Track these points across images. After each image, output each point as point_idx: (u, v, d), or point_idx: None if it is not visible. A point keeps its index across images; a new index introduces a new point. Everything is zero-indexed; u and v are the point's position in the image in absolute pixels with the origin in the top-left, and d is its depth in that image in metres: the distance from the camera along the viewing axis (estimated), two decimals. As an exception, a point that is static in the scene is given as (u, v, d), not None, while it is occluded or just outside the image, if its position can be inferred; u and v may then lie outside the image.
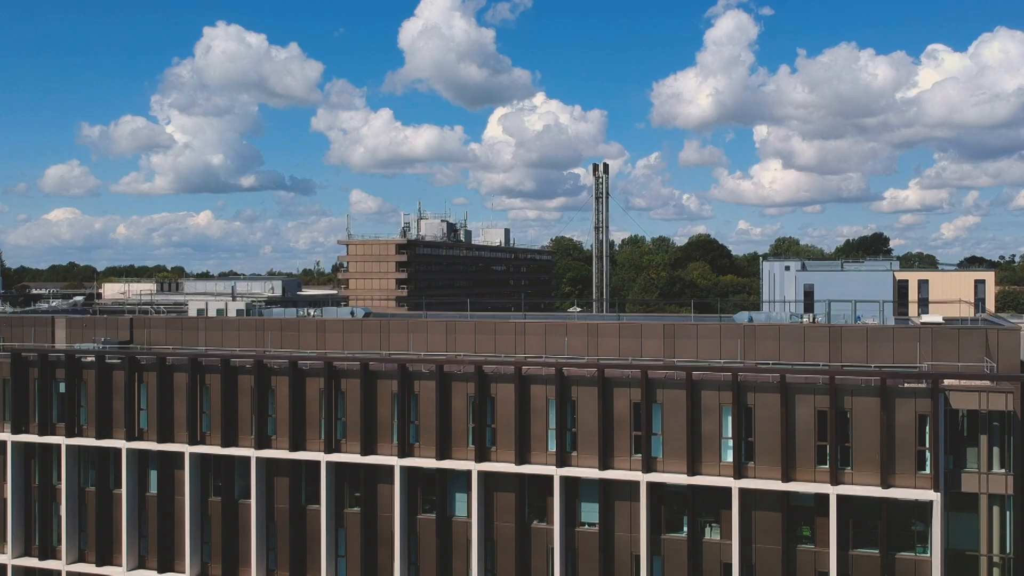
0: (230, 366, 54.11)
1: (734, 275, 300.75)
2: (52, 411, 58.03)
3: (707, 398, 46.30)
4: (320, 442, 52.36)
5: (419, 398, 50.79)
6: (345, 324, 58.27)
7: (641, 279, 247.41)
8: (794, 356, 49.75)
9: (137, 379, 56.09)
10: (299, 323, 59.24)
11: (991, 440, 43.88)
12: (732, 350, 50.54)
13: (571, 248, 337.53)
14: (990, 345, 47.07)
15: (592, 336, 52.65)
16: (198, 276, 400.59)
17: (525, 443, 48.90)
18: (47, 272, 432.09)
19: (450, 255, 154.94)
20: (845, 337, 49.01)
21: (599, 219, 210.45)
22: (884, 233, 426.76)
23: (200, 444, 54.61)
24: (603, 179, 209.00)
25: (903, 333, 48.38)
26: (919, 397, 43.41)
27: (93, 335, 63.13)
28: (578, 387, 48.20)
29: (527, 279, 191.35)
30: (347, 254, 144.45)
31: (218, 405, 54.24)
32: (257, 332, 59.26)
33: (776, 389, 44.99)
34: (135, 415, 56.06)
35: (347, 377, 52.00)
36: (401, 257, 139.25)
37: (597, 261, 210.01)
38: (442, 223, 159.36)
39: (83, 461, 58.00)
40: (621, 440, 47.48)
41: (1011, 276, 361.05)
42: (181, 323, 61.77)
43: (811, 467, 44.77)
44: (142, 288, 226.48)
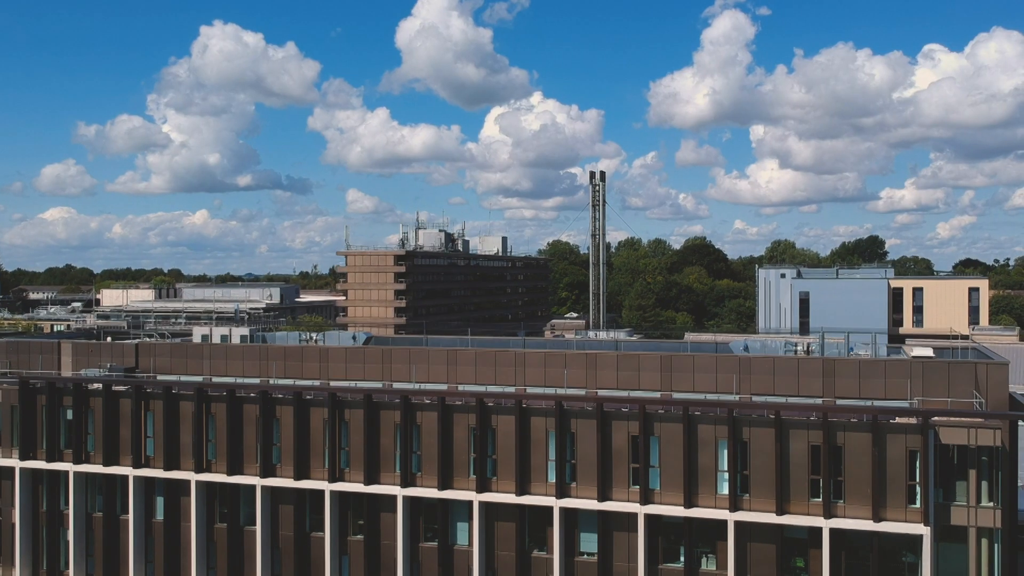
0: (235, 396, 55.13)
1: (730, 279, 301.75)
2: (60, 438, 59.02)
3: (703, 432, 47.42)
4: (324, 471, 53.39)
5: (421, 429, 51.86)
6: (348, 352, 59.28)
7: (637, 285, 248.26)
8: (788, 389, 50.85)
9: (144, 407, 57.09)
10: (302, 351, 60.24)
11: (980, 474, 45.05)
12: (728, 383, 51.64)
13: (567, 252, 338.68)
14: (979, 379, 48.23)
15: (591, 368, 53.71)
16: (195, 279, 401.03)
17: (525, 474, 49.99)
18: (44, 275, 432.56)
19: (448, 265, 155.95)
20: (838, 371, 50.12)
21: (596, 227, 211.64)
22: (879, 236, 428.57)
23: (206, 472, 55.62)
24: (600, 187, 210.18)
25: (894, 367, 49.51)
26: (909, 433, 44.57)
27: (99, 360, 64.04)
28: (577, 420, 49.31)
29: (524, 287, 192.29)
30: (345, 264, 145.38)
31: (224, 434, 55.26)
32: (261, 361, 60.23)
33: (771, 424, 46.13)
34: (142, 442, 57.06)
35: (351, 408, 53.06)
36: (400, 268, 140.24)
37: (594, 268, 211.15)
38: (440, 233, 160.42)
39: (90, 487, 58.99)
40: (619, 472, 48.60)
41: (1005, 280, 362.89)
42: (186, 350, 62.74)
43: (804, 500, 45.91)
44: (140, 295, 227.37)
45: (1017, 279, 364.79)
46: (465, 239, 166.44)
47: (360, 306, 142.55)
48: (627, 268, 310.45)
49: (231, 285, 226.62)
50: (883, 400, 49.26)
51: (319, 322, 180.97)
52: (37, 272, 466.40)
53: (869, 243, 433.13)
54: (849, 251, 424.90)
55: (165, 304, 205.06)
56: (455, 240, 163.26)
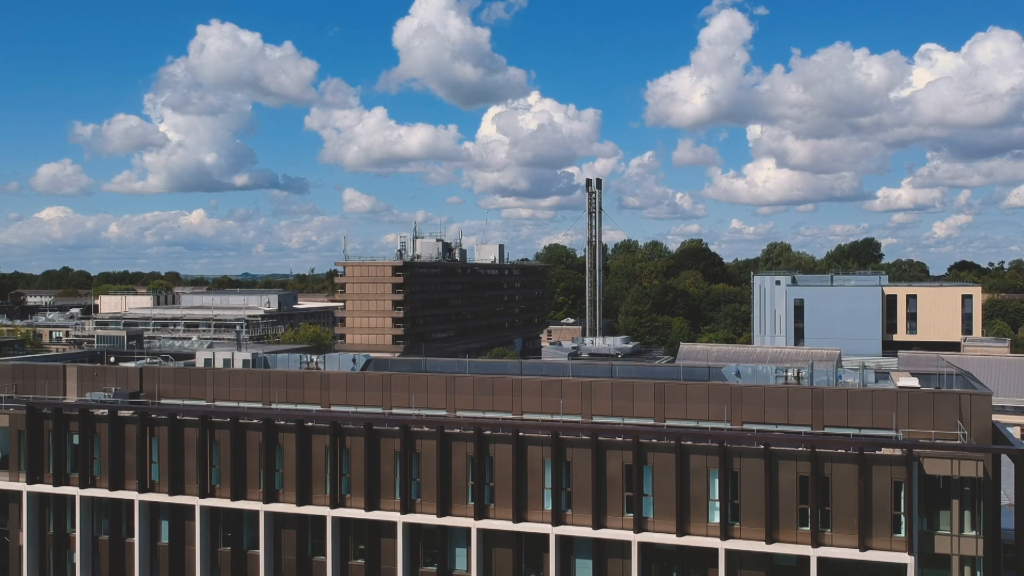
0: (239, 422, 56.42)
1: (726, 283, 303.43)
2: (66, 462, 60.27)
3: (695, 462, 48.81)
4: (326, 497, 54.68)
5: (421, 456, 53.19)
6: (348, 379, 60.55)
7: (634, 290, 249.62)
8: (778, 418, 52.21)
9: (149, 433, 58.37)
10: (303, 377, 61.50)
11: (963, 504, 46.49)
12: (719, 411, 52.99)
13: (564, 256, 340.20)
14: (963, 410, 49.61)
15: (586, 397, 55.04)
16: (192, 283, 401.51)
17: (522, 501, 51.34)
18: (41, 278, 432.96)
19: (446, 274, 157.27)
20: (827, 401, 51.51)
21: (592, 233, 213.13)
22: (875, 238, 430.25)
23: (210, 497, 56.91)
24: (596, 194, 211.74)
25: (881, 397, 50.90)
26: (894, 465, 45.98)
27: (104, 384, 65.27)
28: (573, 449, 50.67)
29: (521, 294, 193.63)
30: (344, 275, 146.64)
31: (227, 460, 56.56)
32: (263, 386, 61.50)
33: (761, 455, 47.52)
34: (147, 467, 58.34)
35: (352, 435, 54.36)
36: (397, 279, 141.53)
37: (590, 274, 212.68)
38: (437, 242, 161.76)
39: (96, 511, 60.27)
40: (614, 500, 49.97)
41: (1000, 283, 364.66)
42: (189, 375, 63.99)
43: (793, 529, 47.31)
44: (139, 302, 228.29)
45: (1011, 282, 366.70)
46: (463, 248, 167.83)
47: (358, 316, 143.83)
48: (624, 272, 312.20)
49: (229, 292, 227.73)
50: (870, 429, 50.70)
51: (317, 331, 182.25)
52: (34, 275, 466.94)
53: (864, 245, 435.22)
54: (845, 254, 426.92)
55: (164, 311, 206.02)
56: (452, 249, 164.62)
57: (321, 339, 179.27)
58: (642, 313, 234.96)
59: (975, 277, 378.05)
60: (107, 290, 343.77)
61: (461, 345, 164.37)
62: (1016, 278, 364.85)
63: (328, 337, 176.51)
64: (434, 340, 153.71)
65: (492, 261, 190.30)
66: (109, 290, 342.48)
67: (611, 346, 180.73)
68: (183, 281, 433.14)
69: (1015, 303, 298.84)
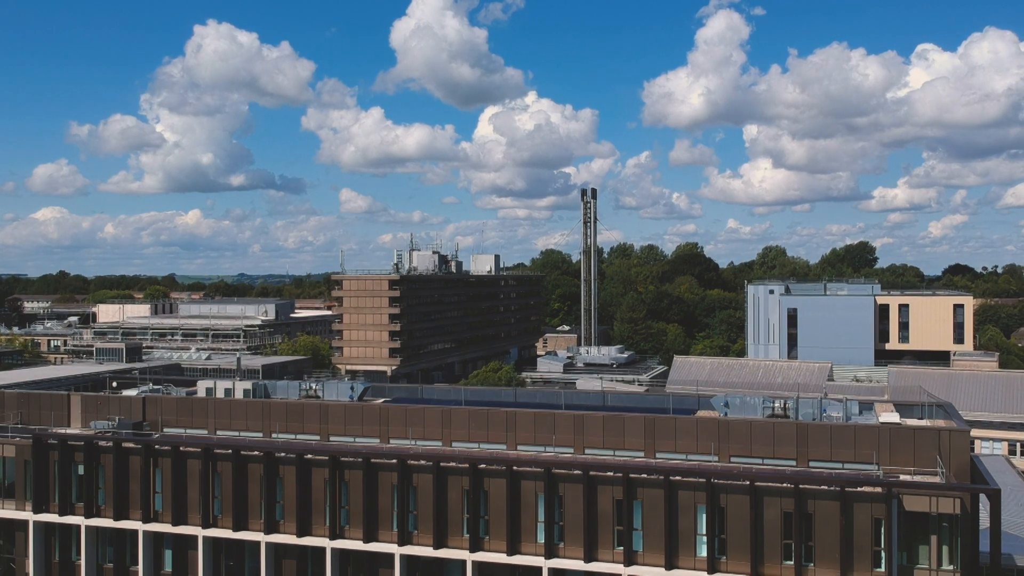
0: (240, 454, 57.95)
1: (721, 289, 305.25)
2: (72, 492, 61.76)
3: (683, 497, 50.43)
4: (325, 528, 56.24)
5: (418, 490, 54.76)
6: (346, 410, 62.07)
7: (628, 297, 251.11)
8: (764, 452, 53.88)
9: (152, 464, 59.88)
10: (303, 408, 63.03)
11: (941, 539, 48.14)
12: (707, 446, 54.63)
13: (560, 262, 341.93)
14: (942, 446, 51.32)
15: (578, 432, 56.65)
16: (189, 288, 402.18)
17: (516, 535, 52.94)
18: (38, 283, 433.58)
19: (442, 287, 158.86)
20: (811, 436, 53.17)
21: (587, 243, 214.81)
22: (869, 241, 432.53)
23: (212, 527, 58.45)
24: (591, 204, 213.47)
25: (863, 433, 52.58)
26: (875, 502, 47.63)
27: (107, 413, 66.78)
28: (565, 484, 52.26)
29: (517, 304, 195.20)
30: (341, 288, 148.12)
31: (229, 491, 58.08)
32: (264, 418, 63.03)
33: (747, 491, 49.15)
34: (151, 498, 59.85)
35: (350, 468, 55.91)
36: (394, 292, 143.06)
37: (585, 284, 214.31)
38: (434, 255, 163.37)
39: (101, 540, 61.75)
40: (604, 534, 51.59)
41: (993, 288, 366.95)
42: (192, 405, 65.49)
43: (778, 563, 48.95)
44: (136, 311, 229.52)
45: (1004, 287, 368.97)
46: (458, 260, 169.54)
47: (356, 329, 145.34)
48: (619, 278, 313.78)
49: (226, 301, 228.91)
50: (853, 463, 52.41)
51: (314, 342, 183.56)
52: (31, 279, 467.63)
53: (859, 249, 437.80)
54: (839, 257, 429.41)
55: (161, 320, 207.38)
56: (448, 261, 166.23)
57: (318, 349, 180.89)
58: (637, 321, 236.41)
59: (968, 282, 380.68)
60: (104, 296, 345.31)
61: (457, 356, 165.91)
62: (1009, 283, 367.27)
63: (326, 349, 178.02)
64: (431, 352, 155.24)
65: (488, 271, 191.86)
66: (106, 296, 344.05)
67: (606, 356, 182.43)
68: (179, 285, 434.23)
69: (1007, 308, 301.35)
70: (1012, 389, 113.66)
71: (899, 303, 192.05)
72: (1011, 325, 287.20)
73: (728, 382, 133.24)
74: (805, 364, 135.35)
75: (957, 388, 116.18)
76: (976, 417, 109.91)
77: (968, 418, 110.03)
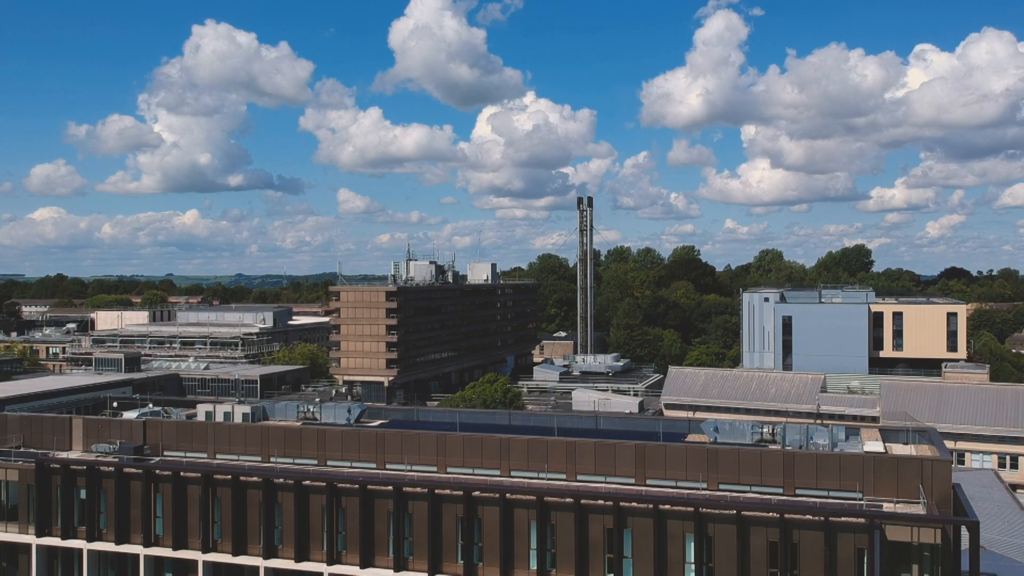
0: (239, 480, 59.16)
1: (717, 294, 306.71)
2: (74, 516, 62.95)
3: (672, 527, 51.70)
4: (323, 553, 57.46)
5: (413, 517, 56.00)
6: (343, 436, 63.21)
7: (624, 304, 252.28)
8: (752, 480, 55.09)
9: (153, 489, 61.07)
10: (301, 433, 64.18)
11: (922, 568, 49.42)
12: (696, 473, 55.86)
13: (557, 266, 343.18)
14: (924, 475, 52.58)
15: (570, 460, 57.86)
16: (187, 291, 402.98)
17: (509, 561, 54.17)
18: (35, 286, 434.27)
19: (439, 297, 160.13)
20: (797, 465, 54.42)
21: (583, 251, 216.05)
22: (865, 244, 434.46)
23: (212, 552, 59.64)
24: (587, 212, 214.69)
25: (848, 462, 53.82)
26: (858, 532, 48.90)
27: (108, 436, 67.91)
28: (557, 512, 53.51)
29: (513, 312, 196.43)
30: (339, 300, 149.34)
31: (229, 516, 59.29)
32: (262, 444, 64.20)
33: (733, 521, 50.42)
34: (151, 522, 61.04)
35: (347, 495, 57.12)
36: (391, 304, 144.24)
37: (582, 292, 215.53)
38: (431, 265, 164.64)
39: (103, 564, 62.93)
40: (595, 561, 52.83)
41: (988, 292, 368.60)
42: (191, 429, 66.65)
43: (764, 591, 50.21)
44: (135, 318, 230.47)
45: (1000, 291, 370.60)
46: (455, 271, 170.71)
47: (353, 340, 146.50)
48: (616, 282, 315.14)
49: (224, 308, 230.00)
50: (838, 491, 53.66)
51: (312, 350, 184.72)
52: (29, 282, 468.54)
53: (855, 252, 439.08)
54: (835, 260, 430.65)
55: (160, 328, 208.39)
56: (445, 272, 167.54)
57: (316, 357, 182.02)
58: (633, 327, 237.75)
59: (963, 286, 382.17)
60: (102, 301, 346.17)
61: (454, 365, 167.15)
62: (1004, 287, 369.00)
63: (323, 357, 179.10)
64: (428, 362, 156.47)
65: (484, 279, 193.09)
66: (104, 301, 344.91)
67: (602, 364, 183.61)
68: (177, 289, 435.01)
69: (1002, 314, 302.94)
70: (1002, 402, 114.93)
71: (893, 311, 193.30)
72: (1006, 330, 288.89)
73: (722, 393, 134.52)
74: (798, 376, 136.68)
75: (948, 401, 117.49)
76: (966, 430, 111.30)
77: (958, 431, 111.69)
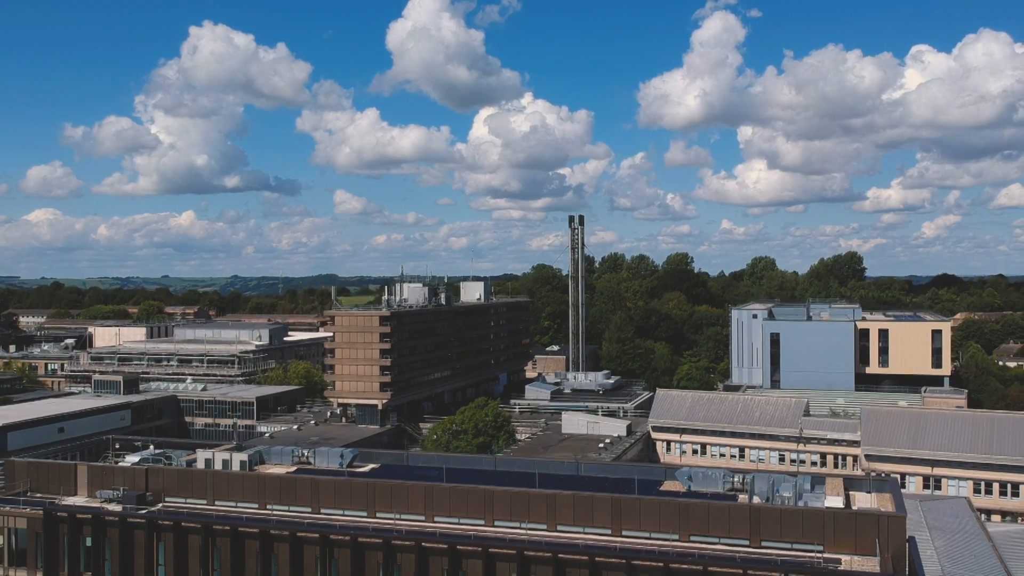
0: (238, 531, 62.49)
1: (709, 305, 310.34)
2: (80, 563, 66.25)
3: (644, 580, 55.14)
4: (316, 601, 60.83)
5: (401, 568, 59.37)
6: (336, 486, 66.47)
7: (617, 317, 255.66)
8: (720, 532, 58.47)
9: (156, 538, 64.37)
10: (295, 483, 67.47)
11: (877, 620, 52.92)
12: (668, 525, 59.26)
13: (551, 276, 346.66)
14: (880, 531, 56.04)
15: (551, 512, 61.21)
16: (183, 303, 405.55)
17: (492, 611, 57.56)
18: (32, 295, 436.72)
19: (432, 320, 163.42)
20: (763, 519, 57.84)
21: (575, 269, 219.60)
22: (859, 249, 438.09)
23: (212, 598, 62.99)
24: (578, 231, 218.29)
25: (810, 517, 57.29)
26: (816, 587, 52.39)
27: (112, 483, 71.14)
28: (536, 565, 56.88)
29: (506, 329, 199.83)
30: (334, 325, 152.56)
31: (228, 565, 62.60)
32: (259, 492, 67.49)
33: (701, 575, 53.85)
34: (154, 570, 64.35)
35: (339, 547, 60.46)
36: (385, 329, 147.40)
37: (573, 309, 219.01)
38: (424, 288, 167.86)
39: (108, 608, 66.23)
40: (572, 612, 56.26)
41: (978, 302, 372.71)
42: (191, 477, 69.93)
43: (729, 642, 53.65)
44: (132, 335, 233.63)
45: (989, 300, 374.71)
46: (448, 294, 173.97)
47: (347, 364, 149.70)
48: (609, 293, 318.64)
49: (221, 324, 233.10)
50: (801, 543, 57.10)
51: (307, 368, 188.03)
52: (26, 290, 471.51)
53: (847, 259, 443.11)
54: (827, 268, 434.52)
55: (157, 345, 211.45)
56: (438, 293, 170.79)
57: (311, 375, 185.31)
58: (625, 340, 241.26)
59: (954, 295, 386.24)
60: (99, 312, 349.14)
61: (447, 386, 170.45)
62: (994, 296, 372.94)
63: (318, 374, 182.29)
64: (421, 384, 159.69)
65: (477, 298, 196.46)
66: (101, 312, 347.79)
67: (593, 382, 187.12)
68: (173, 298, 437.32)
69: (990, 324, 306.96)
70: (978, 429, 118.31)
71: (879, 328, 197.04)
72: (994, 341, 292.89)
73: (707, 416, 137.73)
74: (782, 399, 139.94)
75: (925, 427, 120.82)
76: (943, 457, 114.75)
77: (935, 458, 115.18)
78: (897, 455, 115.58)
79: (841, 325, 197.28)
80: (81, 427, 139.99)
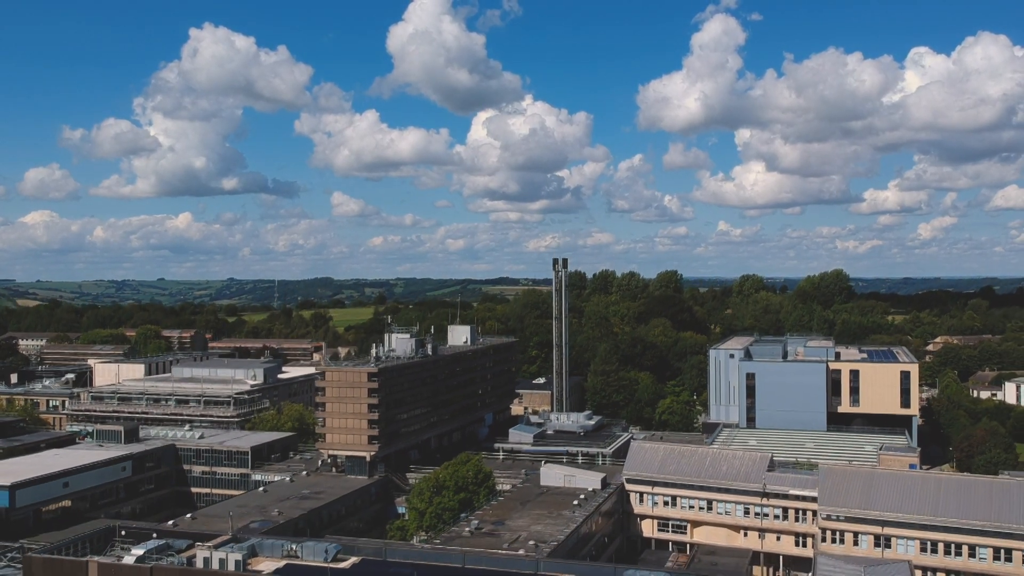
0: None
1: (694, 331, 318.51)
2: (90, 658, 74.16)
3: None
4: None
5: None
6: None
7: (603, 348, 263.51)
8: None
9: (158, 638, 72.34)
10: (284, 585, 75.53)
11: None
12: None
13: (539, 302, 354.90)
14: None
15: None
16: (179, 326, 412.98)
17: None
18: (31, 316, 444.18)
19: (419, 370, 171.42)
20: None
21: (559, 309, 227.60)
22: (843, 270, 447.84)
23: None
24: (562, 273, 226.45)
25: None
26: None
27: (119, 579, 79.09)
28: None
29: (492, 372, 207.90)
30: (324, 380, 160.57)
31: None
32: (252, 595, 75.50)
33: None
34: (157, 666, 72.31)
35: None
36: (373, 384, 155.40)
37: (557, 350, 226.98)
38: (411, 339, 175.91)
39: None
40: None
41: (958, 325, 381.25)
42: (191, 576, 77.89)
43: None
44: (132, 372, 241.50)
45: (969, 323, 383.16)
46: (434, 345, 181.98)
47: (337, 418, 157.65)
48: (596, 317, 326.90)
49: (217, 364, 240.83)
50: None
51: (299, 411, 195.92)
52: (26, 307, 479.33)
53: (833, 277, 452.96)
54: (814, 285, 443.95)
55: (156, 384, 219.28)
56: (425, 344, 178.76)
57: (304, 418, 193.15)
58: (609, 373, 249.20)
59: (935, 317, 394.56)
60: (97, 336, 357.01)
61: (433, 432, 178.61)
62: (974, 319, 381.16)
63: (310, 417, 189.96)
64: (408, 433, 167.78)
65: (464, 342, 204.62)
66: (99, 336, 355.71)
67: (574, 423, 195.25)
68: (168, 321, 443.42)
69: (968, 350, 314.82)
70: (926, 489, 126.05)
71: (850, 369, 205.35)
72: (971, 367, 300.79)
73: (678, 470, 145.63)
74: (748, 454, 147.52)
75: (877, 487, 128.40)
76: (893, 517, 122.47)
77: (886, 518, 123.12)
78: (850, 515, 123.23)
79: (814, 366, 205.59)
80: (85, 480, 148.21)
